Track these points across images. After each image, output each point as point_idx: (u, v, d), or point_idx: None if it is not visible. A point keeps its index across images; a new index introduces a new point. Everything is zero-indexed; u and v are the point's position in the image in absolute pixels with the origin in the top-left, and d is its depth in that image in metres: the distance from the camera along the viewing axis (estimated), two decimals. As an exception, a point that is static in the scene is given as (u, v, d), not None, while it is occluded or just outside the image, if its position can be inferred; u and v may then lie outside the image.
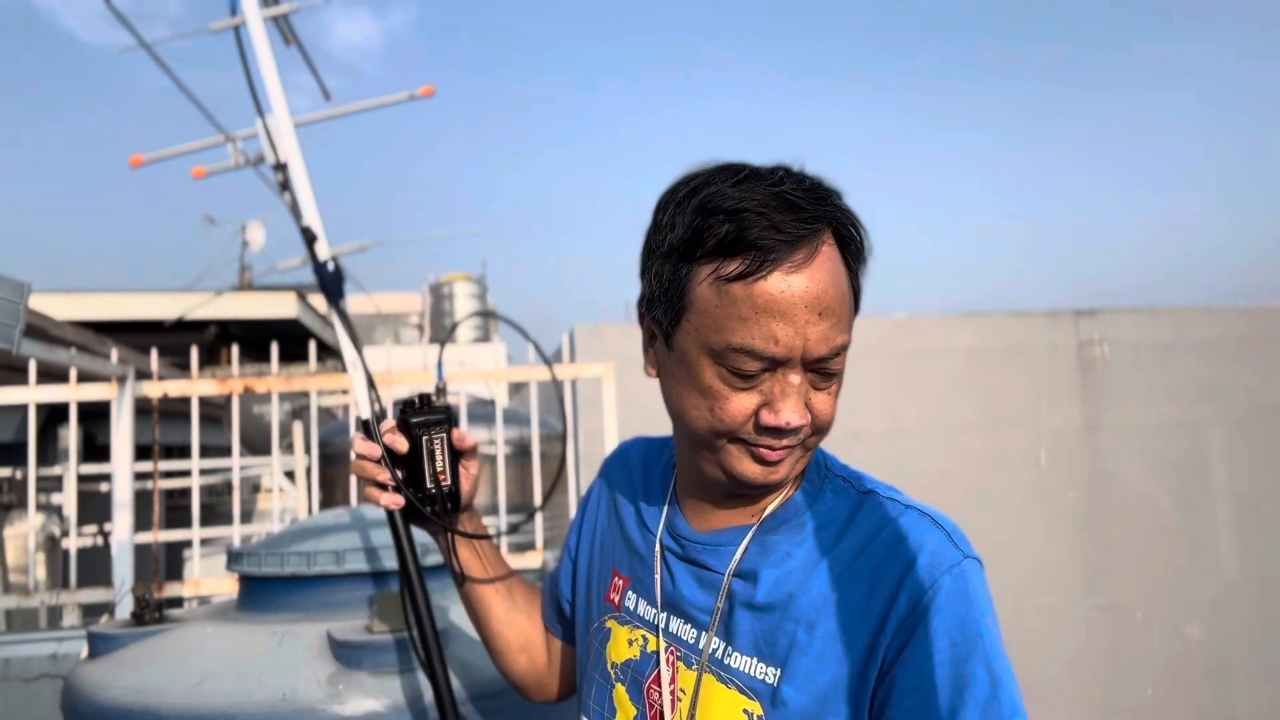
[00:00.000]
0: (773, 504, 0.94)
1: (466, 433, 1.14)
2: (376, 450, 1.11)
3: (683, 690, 0.93)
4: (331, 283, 1.26)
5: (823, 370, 0.86)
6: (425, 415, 1.11)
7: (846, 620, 0.85)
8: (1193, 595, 5.23)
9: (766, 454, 0.87)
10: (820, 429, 0.89)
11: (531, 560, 3.29)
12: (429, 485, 1.11)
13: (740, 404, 0.86)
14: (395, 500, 1.12)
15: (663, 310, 0.90)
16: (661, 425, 0.99)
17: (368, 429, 1.15)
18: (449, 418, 1.12)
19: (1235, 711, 5.22)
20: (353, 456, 1.12)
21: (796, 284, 0.82)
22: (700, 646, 0.92)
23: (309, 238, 1.25)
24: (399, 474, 1.10)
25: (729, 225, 0.82)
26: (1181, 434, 5.35)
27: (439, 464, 1.11)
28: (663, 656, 0.95)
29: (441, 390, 1.17)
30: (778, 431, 0.86)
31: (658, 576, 0.99)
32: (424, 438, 1.10)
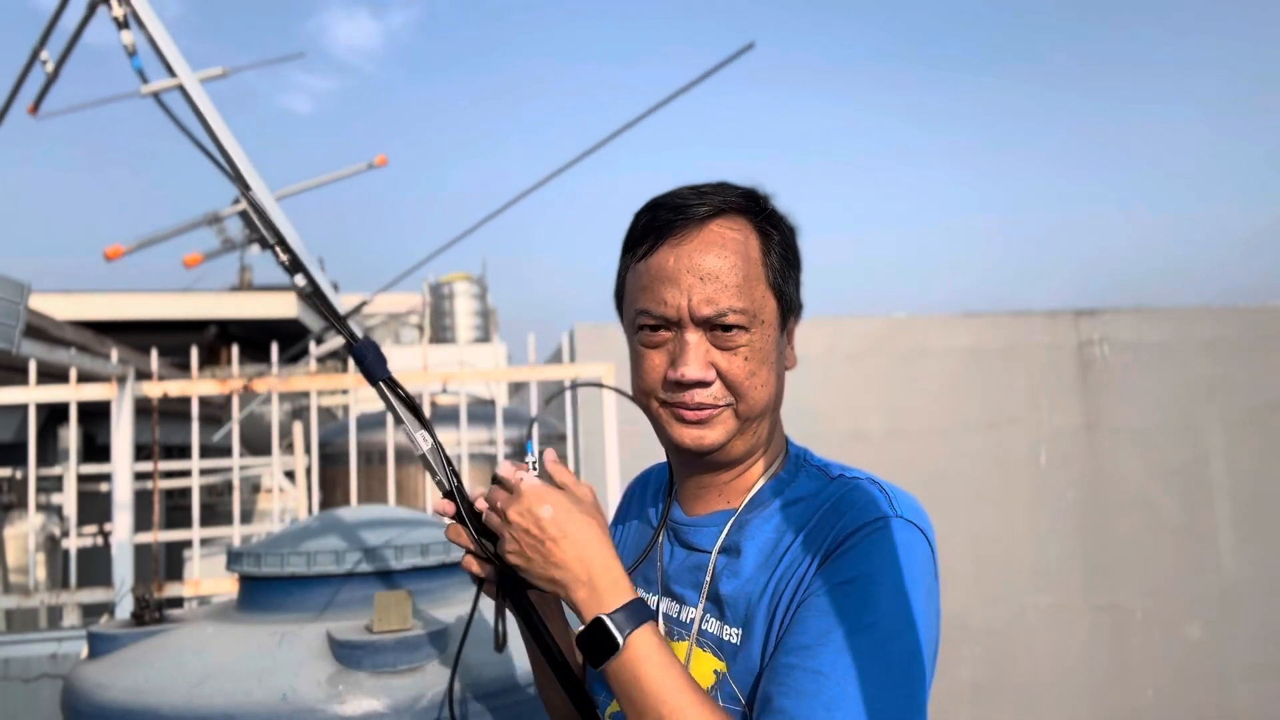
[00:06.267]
0: (753, 490, 1.03)
1: None
2: (450, 507, 1.06)
3: None
4: (372, 361, 1.09)
5: (721, 331, 0.96)
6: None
7: (788, 577, 0.94)
8: (1193, 595, 5.23)
9: (685, 413, 0.98)
10: (736, 389, 0.98)
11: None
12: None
13: (652, 362, 1.00)
14: (469, 564, 1.06)
15: (617, 303, 1.07)
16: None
17: (452, 498, 1.07)
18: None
19: (1235, 711, 5.22)
20: (446, 523, 1.06)
21: (682, 253, 0.97)
22: (688, 621, 1.02)
23: (341, 320, 1.07)
24: (473, 531, 1.03)
25: (644, 218, 1.01)
26: (1181, 434, 5.34)
27: None
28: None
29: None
30: (682, 386, 0.97)
31: (660, 564, 1.08)
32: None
